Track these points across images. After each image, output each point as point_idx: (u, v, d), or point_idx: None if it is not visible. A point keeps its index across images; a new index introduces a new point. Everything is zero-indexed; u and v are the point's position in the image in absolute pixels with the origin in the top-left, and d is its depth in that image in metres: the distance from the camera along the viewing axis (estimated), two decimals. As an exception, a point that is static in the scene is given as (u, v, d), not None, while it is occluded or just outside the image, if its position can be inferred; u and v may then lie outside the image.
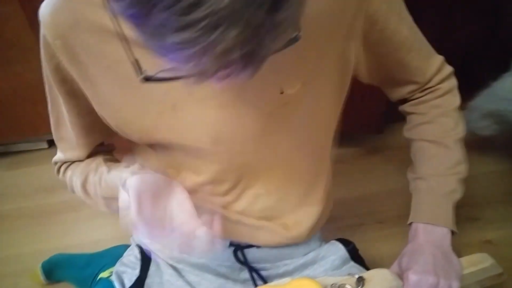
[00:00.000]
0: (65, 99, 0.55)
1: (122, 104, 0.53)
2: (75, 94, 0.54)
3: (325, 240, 0.71)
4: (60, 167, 0.66)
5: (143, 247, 0.68)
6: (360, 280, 0.53)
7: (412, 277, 0.53)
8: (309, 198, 0.64)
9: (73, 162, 0.64)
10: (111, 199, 0.57)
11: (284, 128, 0.55)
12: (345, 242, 0.68)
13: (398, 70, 0.60)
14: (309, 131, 0.58)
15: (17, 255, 1.02)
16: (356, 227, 0.70)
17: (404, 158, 0.65)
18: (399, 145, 1.18)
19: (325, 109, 0.57)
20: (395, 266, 0.57)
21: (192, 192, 0.62)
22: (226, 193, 0.61)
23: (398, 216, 0.96)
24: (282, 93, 0.51)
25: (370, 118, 1.11)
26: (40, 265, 0.92)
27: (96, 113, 0.57)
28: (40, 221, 1.11)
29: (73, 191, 0.64)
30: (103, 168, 0.60)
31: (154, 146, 0.61)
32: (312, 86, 0.53)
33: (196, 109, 0.52)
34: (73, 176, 0.63)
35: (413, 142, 0.65)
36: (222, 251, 0.64)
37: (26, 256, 1.00)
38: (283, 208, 0.63)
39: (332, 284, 0.52)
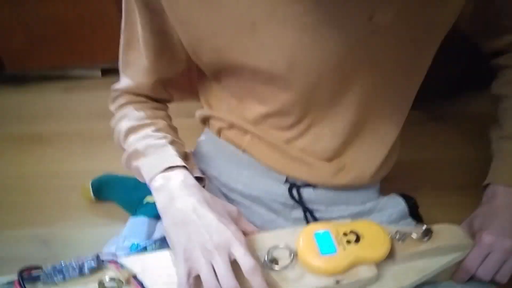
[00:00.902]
0: (141, 12, 0.53)
1: (199, 20, 0.50)
2: (153, 7, 0.52)
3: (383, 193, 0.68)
4: (117, 97, 0.63)
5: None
6: (428, 232, 0.49)
7: (486, 237, 0.49)
8: (376, 144, 0.60)
9: (133, 103, 0.62)
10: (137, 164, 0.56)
11: (366, 62, 0.51)
12: (406, 197, 0.65)
13: (509, 14, 0.53)
14: (394, 72, 0.53)
15: (69, 171, 1.06)
16: (412, 191, 0.66)
17: (470, 128, 0.59)
18: (466, 115, 1.11)
19: (418, 49, 0.52)
20: (464, 227, 0.54)
21: (254, 123, 0.60)
22: (289, 127, 0.58)
23: (457, 186, 0.91)
24: (371, 19, 0.46)
25: (441, 84, 1.04)
26: (90, 182, 0.94)
27: (170, 36, 0.55)
28: (92, 143, 1.14)
29: (113, 130, 0.63)
30: (159, 135, 0.58)
31: (219, 75, 0.59)
32: (406, 18, 0.47)
33: (276, 30, 0.48)
34: (125, 118, 0.61)
35: (504, 99, 0.58)
36: (277, 186, 0.63)
37: (78, 173, 1.03)
38: (347, 150, 0.60)
39: (397, 231, 0.49)
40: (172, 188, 0.50)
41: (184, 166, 0.53)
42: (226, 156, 0.65)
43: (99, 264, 0.47)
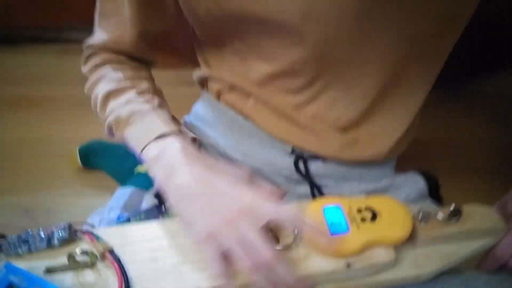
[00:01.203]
0: None
1: None
2: None
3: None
4: (91, 55, 0.55)
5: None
6: (457, 212, 0.42)
7: None
8: (399, 116, 0.53)
9: (110, 62, 0.54)
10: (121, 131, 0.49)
11: (395, 13, 0.43)
12: (426, 175, 0.57)
13: None
14: (427, 26, 0.44)
15: (57, 137, 0.99)
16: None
17: (492, 109, 0.51)
18: (488, 95, 1.03)
19: (454, 3, 0.43)
20: (496, 210, 0.46)
21: (258, 85, 0.52)
22: (299, 90, 0.51)
23: (476, 168, 0.84)
24: None
25: (464, 62, 0.96)
26: (77, 148, 0.87)
27: None
28: (83, 109, 1.06)
29: (89, 96, 0.54)
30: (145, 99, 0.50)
31: (217, 34, 0.51)
32: None
33: None
34: (102, 81, 0.52)
35: None
36: (281, 157, 0.55)
37: (66, 139, 0.97)
38: (365, 121, 0.52)
39: (420, 210, 0.42)
40: (170, 159, 0.43)
41: (177, 132, 0.46)
42: (225, 122, 0.57)
43: (71, 235, 0.40)
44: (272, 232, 0.41)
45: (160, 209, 0.51)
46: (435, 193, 0.57)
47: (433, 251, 0.43)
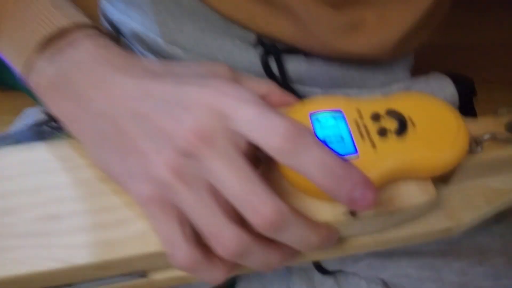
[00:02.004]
0: None
1: None
2: None
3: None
4: None
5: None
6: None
7: None
8: None
9: None
10: None
11: None
12: (457, 78, 0.39)
13: None
14: None
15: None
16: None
17: None
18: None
19: None
20: None
21: None
22: None
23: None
24: None
25: None
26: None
27: None
28: None
29: None
30: None
31: None
32: None
33: None
34: None
35: None
36: (241, 51, 0.37)
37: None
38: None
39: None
40: (78, 76, 0.25)
41: (85, 25, 0.27)
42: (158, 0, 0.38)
43: None
44: None
45: (46, 126, 0.34)
46: (468, 104, 0.40)
47: (479, 187, 0.26)
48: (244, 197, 0.20)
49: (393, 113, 0.24)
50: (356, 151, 0.23)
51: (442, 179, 0.26)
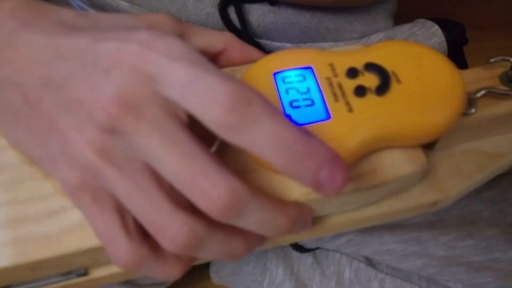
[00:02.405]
0: None
1: None
2: None
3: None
4: None
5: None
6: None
7: None
8: None
9: None
10: None
11: None
12: (445, 24, 0.35)
13: None
14: None
15: None
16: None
17: None
18: None
19: None
20: None
21: None
22: None
23: (505, 22, 0.60)
24: None
25: None
26: None
27: None
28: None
29: None
30: None
31: None
32: None
33: None
34: None
35: None
36: (197, 1, 0.32)
37: None
38: None
39: None
40: None
41: None
42: None
43: None
44: None
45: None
46: (457, 54, 0.35)
47: (469, 153, 0.23)
48: (188, 178, 0.15)
49: (373, 67, 0.20)
50: (329, 116, 0.19)
51: (426, 144, 0.22)
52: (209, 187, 0.15)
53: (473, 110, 0.21)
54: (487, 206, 0.29)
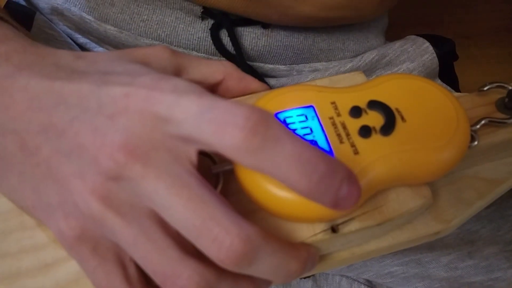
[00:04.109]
0: None
1: None
2: None
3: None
4: None
5: None
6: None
7: None
8: None
9: None
10: None
11: None
12: (436, 40, 0.35)
13: None
14: None
15: None
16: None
17: None
18: None
19: None
20: None
21: None
22: None
23: (499, 29, 0.61)
24: None
25: None
26: None
27: None
28: None
29: None
30: None
31: None
32: None
33: None
34: None
35: None
36: (186, 25, 0.31)
37: None
38: None
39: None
40: None
41: None
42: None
43: None
44: None
45: None
46: (449, 68, 0.36)
47: (469, 179, 0.23)
48: (197, 225, 0.15)
49: (376, 105, 0.19)
50: (331, 154, 0.18)
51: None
52: (220, 233, 0.15)
53: (475, 143, 0.21)
54: (484, 224, 0.30)
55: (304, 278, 0.33)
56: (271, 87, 0.22)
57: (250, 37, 0.31)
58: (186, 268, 0.15)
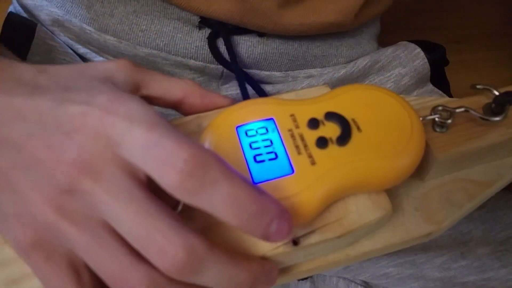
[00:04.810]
0: None
1: None
2: None
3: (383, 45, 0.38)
4: None
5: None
6: (503, 102, 0.22)
7: None
8: None
9: None
10: None
11: None
12: (426, 45, 0.36)
13: None
14: None
15: None
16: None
17: None
18: None
19: None
20: None
21: None
22: None
23: (489, 34, 0.62)
24: None
25: None
26: None
27: None
28: None
29: None
30: None
31: None
32: None
33: None
34: None
35: None
36: (184, 34, 0.32)
37: None
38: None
39: (436, 107, 0.22)
40: None
41: None
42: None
43: None
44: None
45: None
46: (440, 73, 0.37)
47: (459, 181, 0.23)
48: (144, 237, 0.16)
49: (333, 117, 0.20)
50: (292, 170, 0.19)
51: (417, 175, 0.23)
52: (165, 244, 0.15)
53: (449, 121, 0.21)
54: (477, 225, 0.30)
55: (302, 279, 0.34)
56: (238, 101, 0.23)
57: (246, 45, 0.32)
58: (137, 272, 0.16)
